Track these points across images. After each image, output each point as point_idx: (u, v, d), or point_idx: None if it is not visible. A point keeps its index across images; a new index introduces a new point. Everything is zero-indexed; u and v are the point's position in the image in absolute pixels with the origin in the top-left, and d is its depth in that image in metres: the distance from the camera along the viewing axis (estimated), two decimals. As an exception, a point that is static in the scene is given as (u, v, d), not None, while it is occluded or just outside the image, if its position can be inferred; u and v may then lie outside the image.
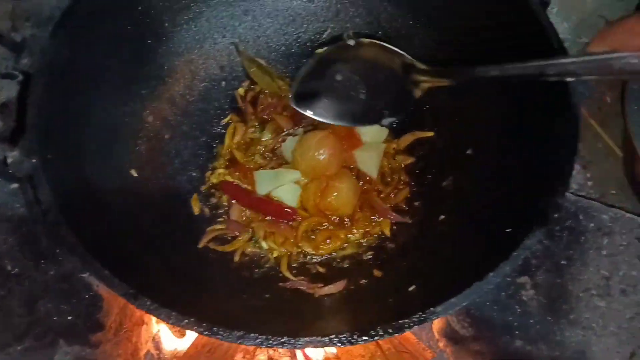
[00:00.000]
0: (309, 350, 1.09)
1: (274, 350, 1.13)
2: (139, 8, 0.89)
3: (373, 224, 0.92)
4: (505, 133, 0.83)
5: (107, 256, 0.67)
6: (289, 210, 0.88)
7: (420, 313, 0.64)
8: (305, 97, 0.87)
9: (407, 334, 1.05)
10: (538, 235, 0.67)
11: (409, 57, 0.80)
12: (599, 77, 0.56)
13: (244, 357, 1.09)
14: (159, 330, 1.05)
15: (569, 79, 0.61)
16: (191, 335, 1.05)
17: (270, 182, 0.90)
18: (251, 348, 1.10)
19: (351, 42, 0.84)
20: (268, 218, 0.89)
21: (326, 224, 0.90)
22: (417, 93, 0.80)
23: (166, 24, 0.94)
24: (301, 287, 0.84)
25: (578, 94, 0.75)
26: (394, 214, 0.91)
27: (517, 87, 0.80)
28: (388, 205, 0.92)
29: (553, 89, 0.74)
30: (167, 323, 0.64)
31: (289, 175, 0.91)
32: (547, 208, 0.67)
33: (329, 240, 0.89)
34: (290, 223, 0.89)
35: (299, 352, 1.10)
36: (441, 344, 0.94)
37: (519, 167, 0.77)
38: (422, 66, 0.78)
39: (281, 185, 0.89)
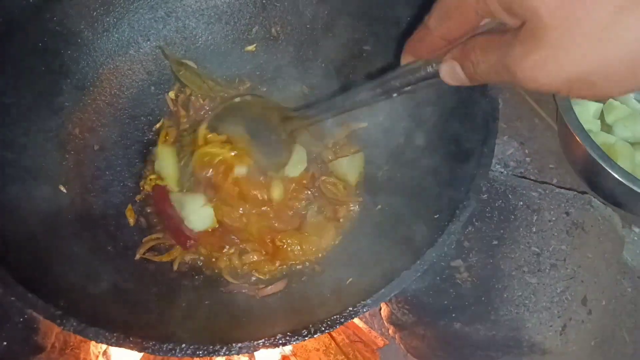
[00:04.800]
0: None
1: (232, 351, 1.13)
2: (54, 19, 0.87)
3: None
4: (432, 119, 0.84)
5: (33, 278, 0.66)
6: (189, 238, 0.85)
7: (351, 308, 0.64)
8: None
9: (360, 323, 1.06)
10: (462, 219, 0.68)
11: (286, 108, 0.85)
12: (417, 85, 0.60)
13: (200, 361, 1.08)
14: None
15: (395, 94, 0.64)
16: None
17: (181, 206, 0.87)
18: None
19: (237, 100, 0.90)
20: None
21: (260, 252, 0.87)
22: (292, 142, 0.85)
23: (85, 32, 0.92)
24: (243, 290, 0.83)
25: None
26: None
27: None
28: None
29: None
30: (96, 342, 0.62)
31: (195, 201, 0.87)
32: (468, 191, 0.68)
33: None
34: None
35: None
36: (390, 331, 0.95)
37: (444, 152, 0.78)
38: (293, 114, 0.82)
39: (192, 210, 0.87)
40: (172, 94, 1.01)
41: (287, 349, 1.07)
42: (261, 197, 0.87)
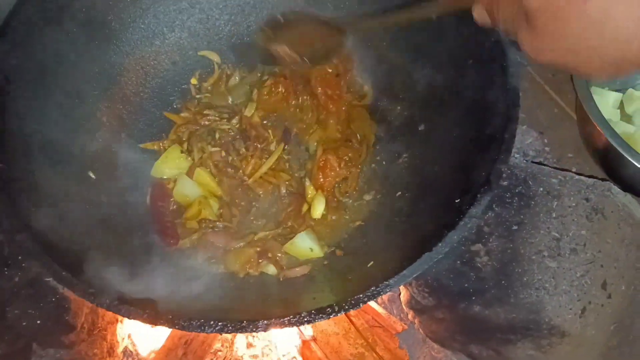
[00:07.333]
0: (285, 334, 1.11)
1: (253, 336, 1.15)
2: (82, 9, 0.89)
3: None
4: (452, 106, 0.85)
5: (67, 258, 0.69)
6: (174, 237, 0.89)
7: (374, 287, 0.66)
8: None
9: (379, 308, 1.08)
10: (483, 203, 0.69)
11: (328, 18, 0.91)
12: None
13: (222, 345, 1.11)
14: (136, 326, 1.07)
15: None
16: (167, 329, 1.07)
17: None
18: (229, 336, 1.12)
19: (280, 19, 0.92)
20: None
21: None
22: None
23: (113, 23, 0.94)
24: (269, 272, 0.86)
25: (517, 64, 0.78)
26: None
27: (461, 61, 0.83)
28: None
29: (493, 63, 0.77)
30: (128, 318, 0.65)
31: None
32: (489, 176, 0.70)
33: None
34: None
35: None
36: (410, 316, 0.97)
37: (465, 139, 0.79)
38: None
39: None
40: (194, 80, 1.03)
41: (308, 334, 1.09)
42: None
